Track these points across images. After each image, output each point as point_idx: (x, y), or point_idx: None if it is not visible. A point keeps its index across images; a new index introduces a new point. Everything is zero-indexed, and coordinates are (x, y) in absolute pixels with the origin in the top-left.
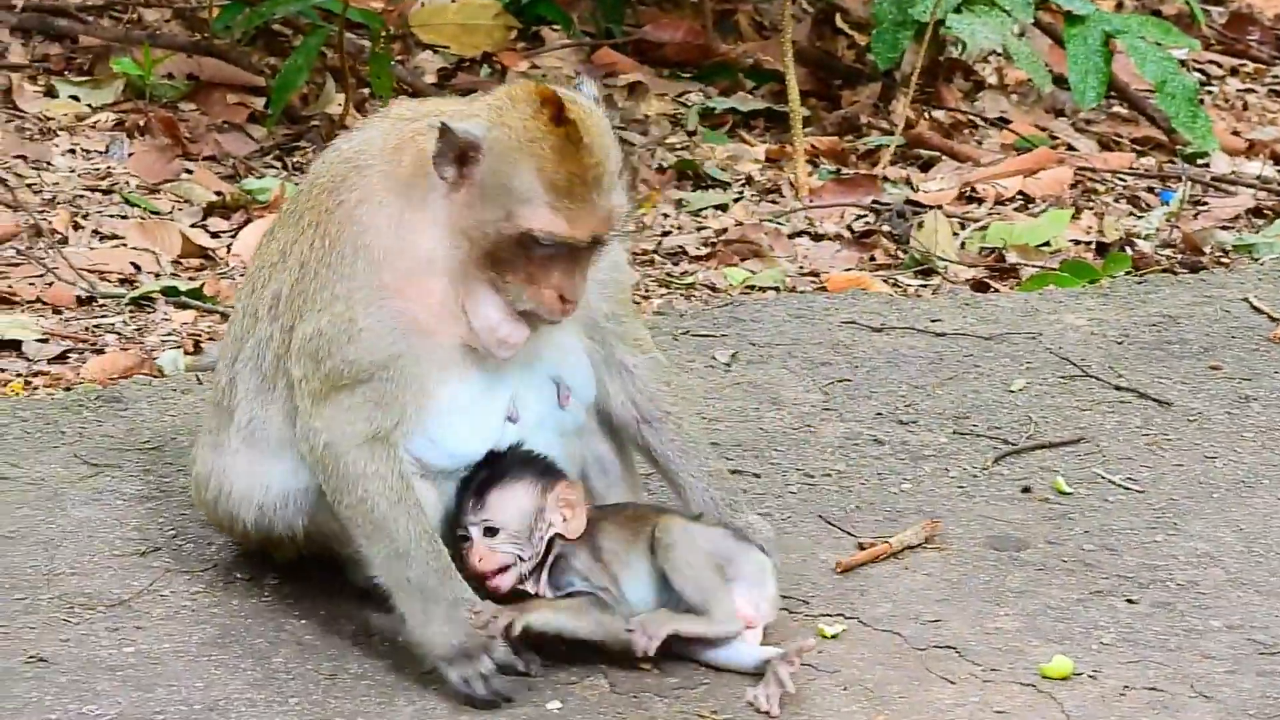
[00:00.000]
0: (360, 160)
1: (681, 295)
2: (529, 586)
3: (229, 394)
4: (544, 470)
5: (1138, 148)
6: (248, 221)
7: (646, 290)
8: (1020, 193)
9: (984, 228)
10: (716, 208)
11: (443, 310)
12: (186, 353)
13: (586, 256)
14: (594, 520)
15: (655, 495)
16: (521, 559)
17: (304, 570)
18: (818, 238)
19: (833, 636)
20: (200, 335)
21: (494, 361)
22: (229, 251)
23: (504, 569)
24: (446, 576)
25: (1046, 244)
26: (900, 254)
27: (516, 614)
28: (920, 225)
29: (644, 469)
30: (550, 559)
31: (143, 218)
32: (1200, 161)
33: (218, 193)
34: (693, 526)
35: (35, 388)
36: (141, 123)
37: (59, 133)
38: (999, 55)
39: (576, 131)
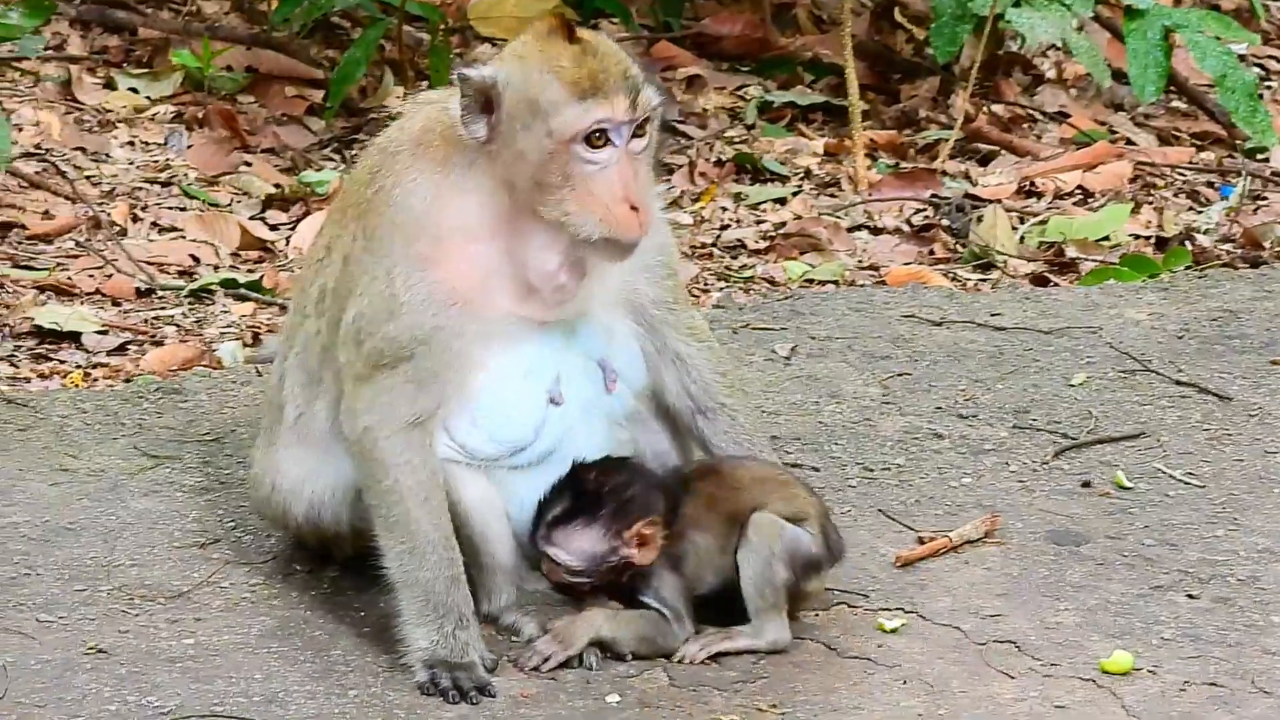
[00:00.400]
0: (392, 147)
1: (740, 289)
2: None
3: (279, 391)
4: (621, 508)
5: (1197, 142)
6: (306, 214)
7: (705, 284)
8: (1079, 187)
9: (1043, 222)
10: (775, 201)
11: (484, 278)
12: (245, 345)
13: (635, 158)
14: (695, 509)
15: None
16: (591, 582)
17: (363, 563)
18: (876, 231)
19: (892, 631)
20: (259, 327)
21: (539, 329)
22: (288, 244)
23: (573, 585)
24: (454, 586)
25: (1106, 238)
26: (959, 248)
27: (565, 646)
28: (979, 219)
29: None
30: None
31: (201, 210)
32: (1260, 156)
33: (276, 185)
34: (786, 528)
35: (95, 379)
36: (200, 115)
37: (118, 125)
38: (1058, 49)
39: (590, 44)
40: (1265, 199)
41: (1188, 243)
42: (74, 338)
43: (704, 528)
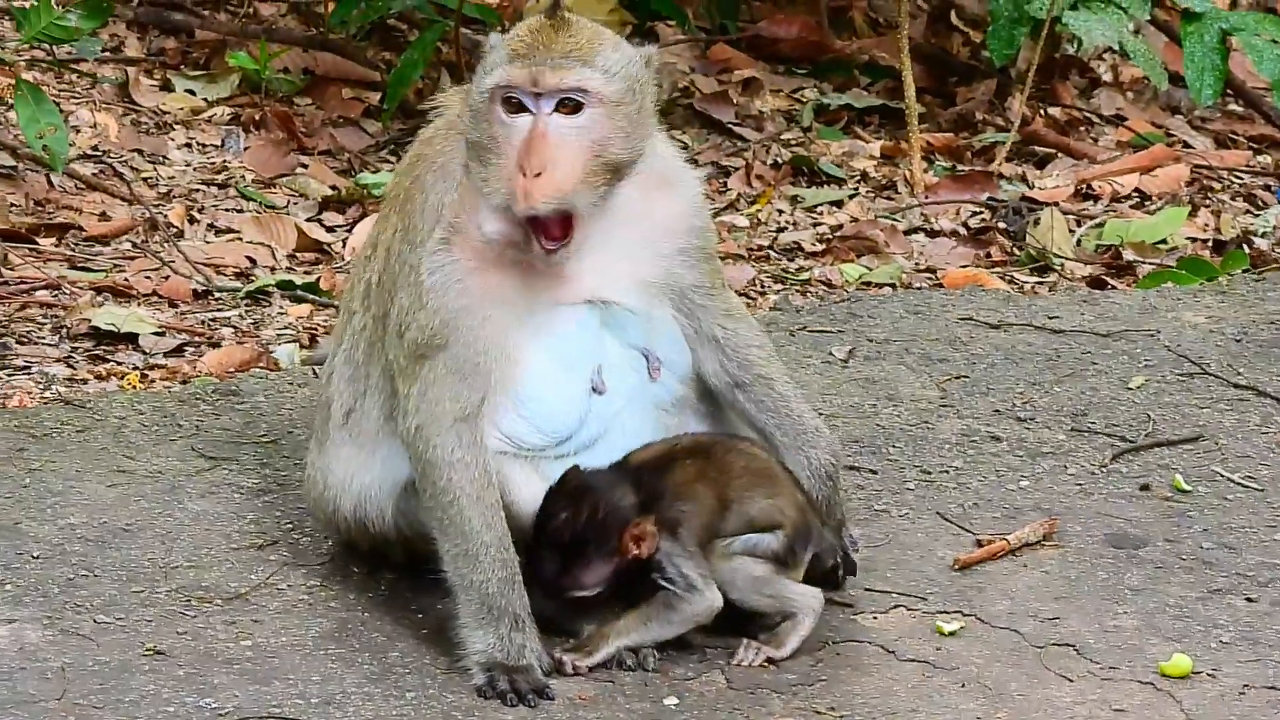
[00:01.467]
0: (426, 135)
1: (797, 291)
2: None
3: (327, 387)
4: (601, 534)
5: (1254, 145)
6: (363, 215)
7: (762, 286)
8: (1136, 190)
9: (1100, 225)
10: (832, 204)
11: (494, 258)
12: (302, 346)
13: (556, 133)
14: (683, 480)
15: None
16: (604, 589)
17: (420, 564)
18: (933, 234)
19: (950, 634)
20: (316, 329)
21: (575, 318)
22: (344, 246)
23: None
24: (508, 587)
25: (1163, 241)
26: (1016, 251)
27: (587, 656)
28: (1036, 222)
29: None
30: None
31: (258, 212)
32: None
33: (333, 187)
34: (734, 547)
35: (152, 381)
36: (257, 117)
37: (175, 127)
38: (1115, 52)
39: (564, 22)
40: None
41: (1245, 246)
42: (131, 339)
43: (692, 498)
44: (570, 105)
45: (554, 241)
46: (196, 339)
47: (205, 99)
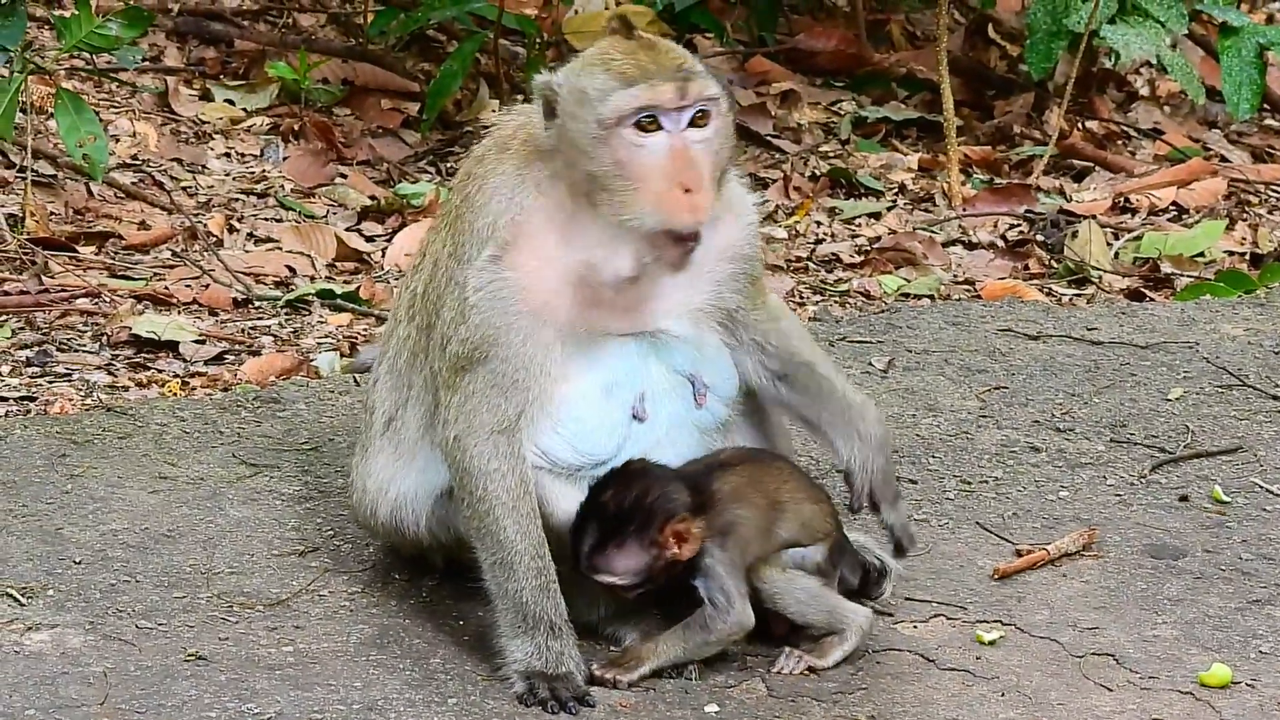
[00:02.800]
0: (478, 153)
1: (836, 302)
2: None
3: (370, 396)
4: (646, 518)
5: None
6: (402, 225)
7: (801, 297)
8: (1174, 203)
9: (1138, 238)
10: (870, 216)
11: (553, 283)
12: (342, 355)
13: (692, 147)
14: (735, 485)
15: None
16: (652, 586)
17: (461, 571)
18: (971, 246)
19: (990, 643)
20: (356, 338)
21: (620, 344)
22: (383, 255)
23: (636, 592)
24: (545, 595)
25: (1200, 255)
26: (1054, 263)
27: (624, 673)
28: (1074, 235)
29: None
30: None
31: (297, 221)
32: None
33: (372, 197)
34: (785, 563)
35: (193, 388)
36: (296, 127)
37: (214, 136)
38: (1152, 66)
39: (647, 40)
40: None
41: None
42: (171, 347)
43: (746, 502)
44: (702, 117)
45: (684, 245)
46: (237, 347)
47: (244, 109)
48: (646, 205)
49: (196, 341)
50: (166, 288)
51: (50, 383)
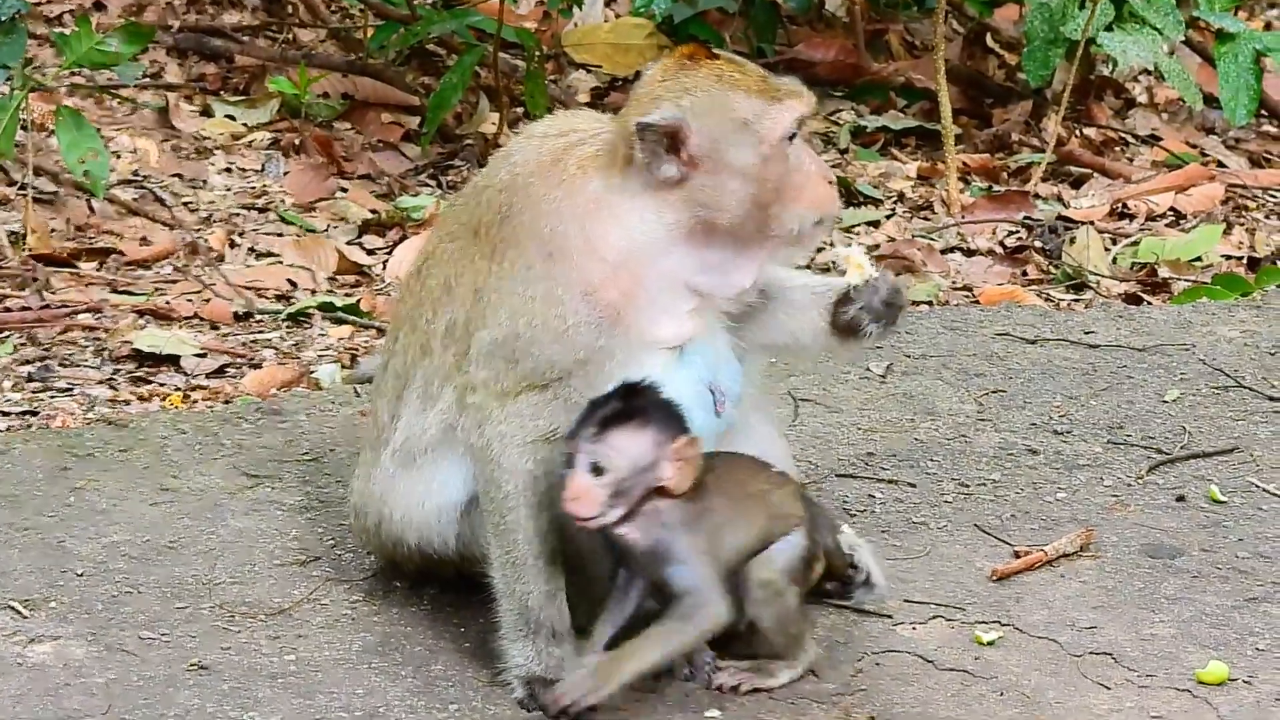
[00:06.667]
0: (518, 184)
1: None
2: (614, 529)
3: (390, 428)
4: (670, 419)
5: None
6: (403, 239)
7: None
8: (1171, 209)
9: (1135, 243)
10: (869, 224)
11: (652, 302)
12: (344, 367)
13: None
14: (714, 478)
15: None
16: (613, 509)
17: (462, 580)
18: (970, 253)
19: (989, 643)
20: (357, 350)
21: (662, 355)
22: (384, 268)
23: (592, 516)
24: (549, 601)
25: (1198, 259)
26: (1052, 269)
27: (591, 691)
28: (1072, 241)
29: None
30: (643, 508)
31: (298, 235)
32: None
33: (373, 211)
34: (776, 560)
35: (194, 401)
36: (297, 141)
37: (215, 151)
38: (1150, 73)
39: (731, 60)
40: None
41: (1279, 263)
42: (173, 361)
43: (724, 493)
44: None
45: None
46: (238, 360)
47: (245, 124)
48: (808, 207)
49: (198, 355)
50: (168, 302)
51: (52, 397)
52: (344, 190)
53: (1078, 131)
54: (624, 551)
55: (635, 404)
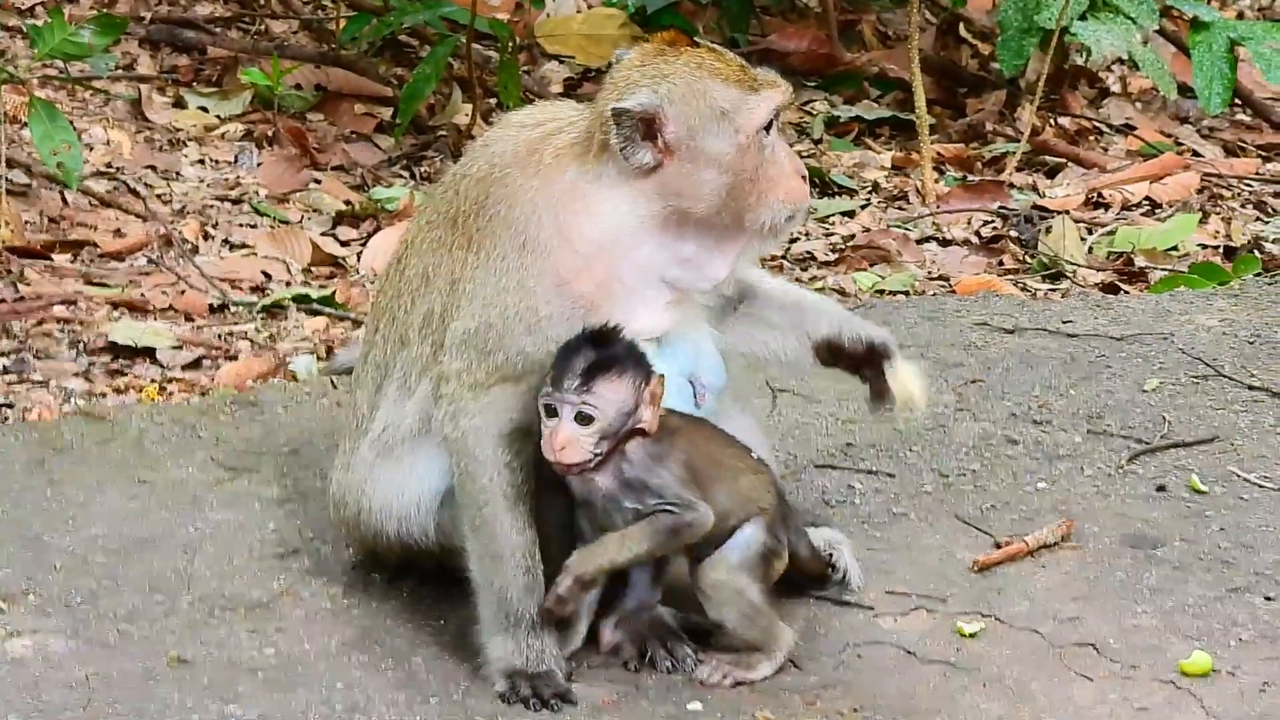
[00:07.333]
0: (495, 174)
1: None
2: (594, 475)
3: (370, 419)
4: (641, 361)
5: (1263, 154)
6: (377, 230)
7: None
8: (1147, 198)
9: (1111, 232)
10: (844, 214)
11: (627, 292)
12: (319, 358)
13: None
14: (677, 433)
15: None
16: (598, 455)
17: (442, 572)
18: (945, 243)
19: (971, 635)
20: (332, 341)
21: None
22: (358, 259)
23: (579, 464)
24: (529, 595)
25: (1174, 248)
26: (1028, 259)
27: (579, 577)
28: (1048, 230)
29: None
30: (618, 451)
31: (272, 227)
32: None
33: (346, 202)
34: (731, 556)
35: (170, 394)
36: (270, 133)
37: (188, 143)
38: (1124, 63)
39: (708, 46)
40: None
41: (1256, 252)
42: (149, 353)
43: (687, 440)
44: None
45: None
46: (214, 352)
47: (218, 115)
48: (781, 199)
49: (174, 347)
50: (143, 294)
51: (28, 390)
52: (317, 182)
53: (1052, 121)
54: (587, 502)
55: (612, 351)
